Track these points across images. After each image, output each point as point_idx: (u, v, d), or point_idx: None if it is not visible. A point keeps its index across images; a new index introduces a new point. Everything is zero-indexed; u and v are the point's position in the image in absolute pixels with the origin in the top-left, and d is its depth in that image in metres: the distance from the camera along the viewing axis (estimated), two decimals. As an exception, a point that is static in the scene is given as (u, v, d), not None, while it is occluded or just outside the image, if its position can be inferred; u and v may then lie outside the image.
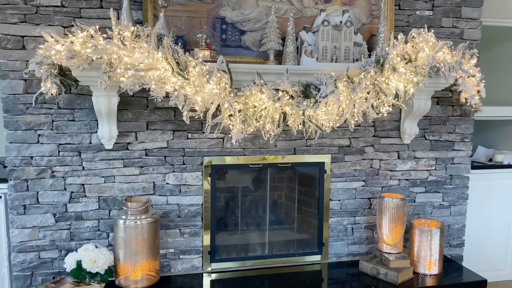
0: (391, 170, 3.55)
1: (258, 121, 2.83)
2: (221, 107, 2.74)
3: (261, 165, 3.28)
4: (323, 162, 3.38)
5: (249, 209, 3.51)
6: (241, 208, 3.48)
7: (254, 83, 2.69)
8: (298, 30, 3.00)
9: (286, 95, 2.75)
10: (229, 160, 3.21)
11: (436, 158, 3.62)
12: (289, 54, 2.89)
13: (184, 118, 2.65)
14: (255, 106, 2.78)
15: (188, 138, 3.15)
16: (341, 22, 3.01)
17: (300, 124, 2.86)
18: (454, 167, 3.66)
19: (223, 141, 3.20)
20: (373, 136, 3.47)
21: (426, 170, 3.62)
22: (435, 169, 3.63)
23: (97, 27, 2.53)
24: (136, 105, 3.04)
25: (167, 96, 2.62)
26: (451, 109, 3.60)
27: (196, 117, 2.68)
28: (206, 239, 3.22)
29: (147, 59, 2.51)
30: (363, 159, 3.48)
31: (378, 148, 3.50)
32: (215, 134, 2.75)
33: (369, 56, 3.05)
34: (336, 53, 3.02)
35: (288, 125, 2.91)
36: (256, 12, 3.05)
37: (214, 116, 2.73)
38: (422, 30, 2.99)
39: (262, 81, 2.67)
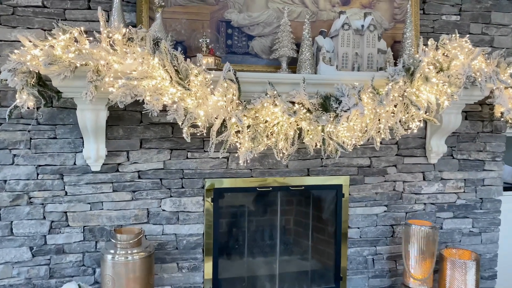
0: (416, 193, 3.15)
1: (270, 139, 2.45)
2: (227, 122, 2.35)
3: (271, 188, 2.88)
4: (341, 185, 2.98)
5: (257, 237, 3.09)
6: (248, 236, 3.06)
7: (266, 94, 2.31)
8: (314, 35, 2.63)
9: (302, 108, 2.36)
10: (234, 182, 2.81)
11: (465, 180, 3.24)
12: (305, 61, 2.52)
13: (184, 136, 2.26)
14: (266, 121, 2.39)
15: (187, 157, 2.75)
16: (362, 26, 2.65)
17: (319, 142, 2.46)
18: (485, 189, 3.28)
19: (228, 161, 2.80)
20: (396, 155, 3.09)
21: (454, 192, 3.23)
22: (464, 191, 3.24)
23: (82, 29, 2.14)
24: (128, 120, 2.64)
25: (164, 109, 2.23)
26: (481, 124, 3.23)
27: (198, 134, 2.28)
28: (208, 273, 2.80)
29: (141, 66, 2.13)
30: (385, 181, 3.09)
31: (402, 169, 3.11)
32: (220, 153, 2.35)
33: (395, 64, 2.68)
34: (358, 60, 2.65)
35: (303, 143, 2.52)
36: (265, 15, 2.69)
37: (219, 132, 2.34)
38: (453, 35, 2.64)
39: (275, 92, 2.29)
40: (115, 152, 2.63)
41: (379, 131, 2.54)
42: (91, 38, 2.14)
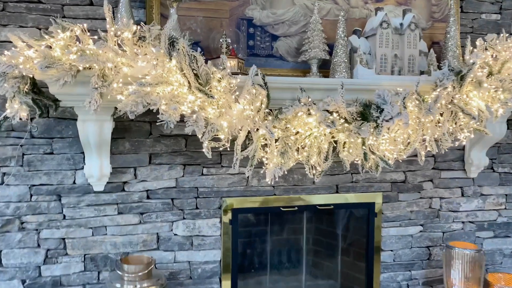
0: (453, 211, 2.84)
1: (301, 153, 2.12)
2: (252, 135, 2.02)
3: (296, 208, 2.55)
4: (373, 203, 2.66)
5: (281, 262, 2.75)
6: (270, 262, 2.73)
7: (299, 102, 1.99)
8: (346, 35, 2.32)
9: (339, 118, 2.04)
10: (255, 202, 2.48)
11: (506, 195, 2.93)
12: (340, 64, 2.21)
13: (205, 151, 1.93)
14: (297, 133, 2.07)
15: (203, 174, 2.42)
16: (401, 24, 2.34)
17: (359, 156, 2.14)
18: (528, 205, 2.98)
19: (248, 177, 2.47)
20: (433, 168, 2.78)
21: (495, 209, 2.92)
22: (506, 208, 2.94)
23: (85, 26, 1.82)
24: (135, 132, 2.31)
25: (181, 120, 1.90)
26: (524, 134, 2.94)
27: (220, 149, 1.95)
28: (226, 306, 2.46)
29: (155, 69, 1.80)
30: (420, 198, 2.77)
31: (438, 184, 2.80)
32: (247, 171, 2.03)
33: (439, 67, 2.37)
34: (397, 63, 2.34)
35: (337, 157, 2.21)
36: (291, 13, 2.38)
37: (242, 146, 2.02)
38: (502, 35, 2.34)
39: (309, 99, 1.97)
40: (120, 169, 2.29)
41: (423, 143, 2.22)
42: (95, 37, 1.81)
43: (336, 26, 2.27)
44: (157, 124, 1.84)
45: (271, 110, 1.97)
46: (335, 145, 2.16)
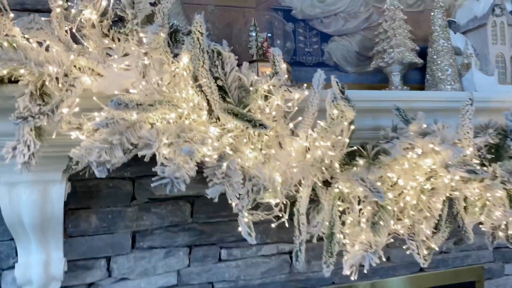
0: None
1: (397, 220, 1.24)
2: (321, 193, 1.14)
3: (366, 303, 1.62)
4: (472, 283, 1.78)
5: None
6: None
7: (403, 128, 1.12)
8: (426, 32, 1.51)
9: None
10: (305, 298, 1.55)
11: None
12: (444, 69, 1.39)
13: (243, 231, 1.04)
14: (394, 184, 1.20)
15: (220, 259, 1.49)
16: (513, 13, 1.57)
17: (491, 219, 1.28)
18: None
19: (291, 258, 1.55)
20: (544, 224, 1.93)
21: None
22: None
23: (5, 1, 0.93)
24: (108, 196, 1.38)
25: (200, 170, 0.99)
26: None
27: (273, 222, 1.05)
28: None
29: (144, 78, 0.92)
30: (533, 269, 1.91)
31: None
32: (324, 267, 1.12)
33: None
34: (517, 68, 1.55)
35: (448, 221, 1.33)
36: (346, 1, 1.57)
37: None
38: None
39: (444, 125, 1.10)
40: (83, 262, 1.34)
41: None
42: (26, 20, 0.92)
43: (412, 20, 1.47)
44: (152, 184, 0.93)
45: (375, 147, 1.09)
46: (449, 204, 1.29)
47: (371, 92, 1.30)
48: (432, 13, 1.44)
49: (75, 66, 0.92)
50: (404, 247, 1.29)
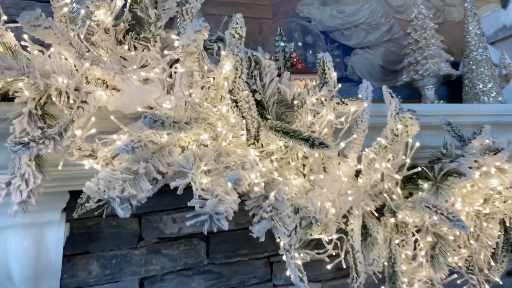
0: None
1: (456, 251, 1.08)
2: (371, 224, 0.97)
3: None
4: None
5: None
6: None
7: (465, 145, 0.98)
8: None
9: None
10: None
11: None
12: (486, 80, 1.27)
13: (292, 276, 0.84)
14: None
15: (244, 307, 1.29)
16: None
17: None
18: None
19: (320, 299, 1.36)
20: None
21: None
22: None
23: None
24: (111, 238, 1.17)
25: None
26: None
27: (328, 263, 0.87)
28: None
29: (169, 92, 0.75)
30: None
31: None
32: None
33: None
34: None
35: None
36: (367, 11, 1.46)
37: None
38: None
39: (498, 142, 0.96)
40: (82, 320, 1.11)
41: None
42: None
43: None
44: (187, 223, 0.74)
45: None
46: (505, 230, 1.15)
47: (415, 106, 1.16)
48: (465, 22, 1.33)
49: (86, 78, 0.73)
50: (459, 281, 1.13)
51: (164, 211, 1.23)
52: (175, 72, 0.76)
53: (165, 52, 0.73)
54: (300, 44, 1.27)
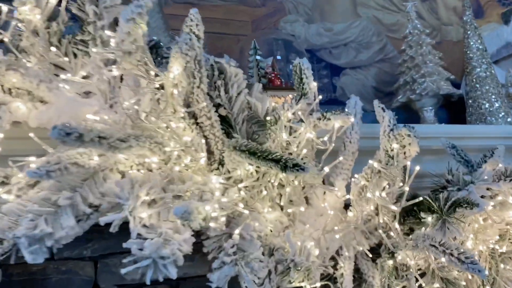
0: None
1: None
2: (365, 268, 0.80)
3: None
4: None
5: None
6: None
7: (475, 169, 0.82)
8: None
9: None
10: None
11: None
12: (493, 100, 1.13)
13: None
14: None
15: None
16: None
17: None
18: None
19: None
20: None
21: None
22: None
23: None
24: (59, 286, 0.98)
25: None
26: None
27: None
28: None
29: (107, 102, 0.60)
30: None
31: None
32: None
33: None
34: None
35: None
36: (357, 29, 1.35)
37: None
38: None
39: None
40: None
41: None
42: None
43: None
44: (122, 271, 0.57)
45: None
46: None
47: (429, 127, 1.01)
48: (465, 37, 1.21)
49: (1, 87, 0.59)
50: (474, 335, 0.94)
51: (125, 253, 1.06)
52: (115, 78, 0.62)
53: (93, 50, 0.59)
54: (279, 57, 1.13)
